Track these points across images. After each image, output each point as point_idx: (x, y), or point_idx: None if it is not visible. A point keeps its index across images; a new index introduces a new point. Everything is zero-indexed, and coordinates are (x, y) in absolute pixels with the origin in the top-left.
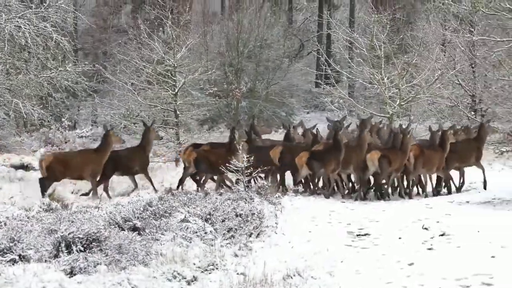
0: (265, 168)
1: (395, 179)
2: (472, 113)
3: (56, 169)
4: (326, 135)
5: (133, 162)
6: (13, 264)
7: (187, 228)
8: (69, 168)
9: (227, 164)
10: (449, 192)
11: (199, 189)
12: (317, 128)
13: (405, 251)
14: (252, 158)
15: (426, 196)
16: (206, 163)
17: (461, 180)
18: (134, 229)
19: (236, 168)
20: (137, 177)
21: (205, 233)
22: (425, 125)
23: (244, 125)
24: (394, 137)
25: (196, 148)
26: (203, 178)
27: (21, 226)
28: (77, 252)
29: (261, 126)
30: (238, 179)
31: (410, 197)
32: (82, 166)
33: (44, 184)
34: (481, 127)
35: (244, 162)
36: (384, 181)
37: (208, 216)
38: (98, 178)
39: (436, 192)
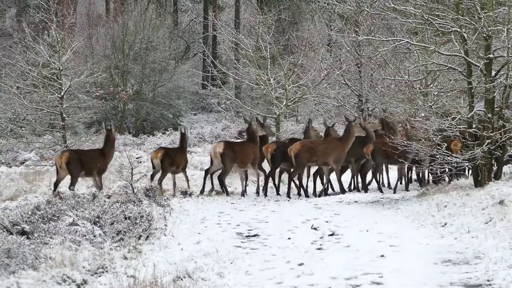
0: None
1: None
2: (360, 112)
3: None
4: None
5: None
6: None
7: (76, 231)
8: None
9: None
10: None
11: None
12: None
13: (294, 251)
14: None
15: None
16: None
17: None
18: (23, 233)
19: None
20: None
21: (94, 236)
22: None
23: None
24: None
25: None
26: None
27: None
28: None
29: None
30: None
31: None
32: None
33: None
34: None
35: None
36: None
37: (97, 219)
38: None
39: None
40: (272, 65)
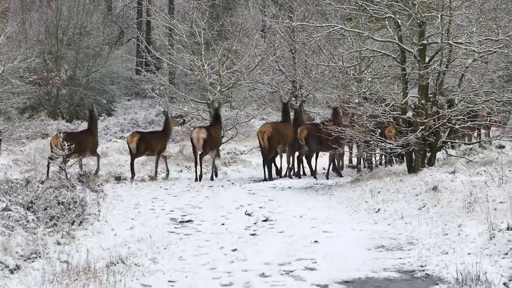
0: None
1: None
2: (293, 99)
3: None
4: None
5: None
6: None
7: (9, 216)
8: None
9: None
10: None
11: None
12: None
13: (228, 237)
14: None
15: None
16: None
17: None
18: None
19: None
20: None
21: (27, 221)
22: (246, 111)
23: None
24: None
25: None
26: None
27: None
28: None
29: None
30: (60, 166)
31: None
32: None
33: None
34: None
35: (65, 150)
36: None
37: (30, 205)
38: None
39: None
40: (206, 51)
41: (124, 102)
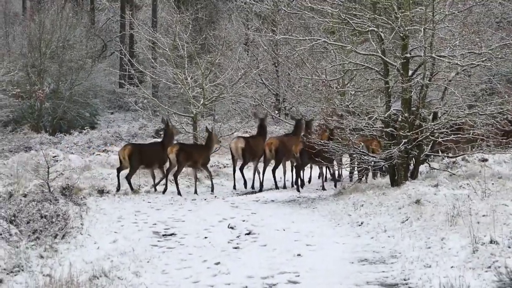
0: None
1: None
2: (276, 112)
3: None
4: None
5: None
6: None
7: None
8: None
9: None
10: None
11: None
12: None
13: (211, 250)
14: None
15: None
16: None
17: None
18: None
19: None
20: None
21: (10, 235)
22: (229, 125)
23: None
24: None
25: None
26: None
27: None
28: None
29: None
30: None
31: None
32: None
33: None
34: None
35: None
36: None
37: (13, 218)
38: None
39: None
40: (189, 64)
41: (107, 115)
